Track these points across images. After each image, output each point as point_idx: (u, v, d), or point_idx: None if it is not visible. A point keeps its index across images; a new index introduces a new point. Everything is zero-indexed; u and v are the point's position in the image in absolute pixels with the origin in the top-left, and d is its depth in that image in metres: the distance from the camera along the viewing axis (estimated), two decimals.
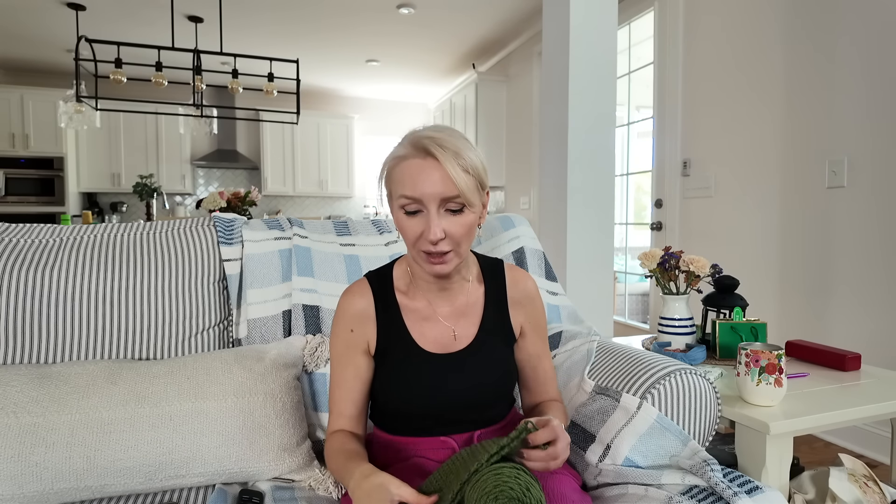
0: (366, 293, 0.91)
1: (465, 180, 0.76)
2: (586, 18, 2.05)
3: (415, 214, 0.78)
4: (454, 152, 0.76)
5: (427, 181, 0.75)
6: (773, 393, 1.05)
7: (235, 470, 0.95)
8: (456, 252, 0.80)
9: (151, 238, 1.17)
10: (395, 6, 4.05)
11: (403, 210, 0.78)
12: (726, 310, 1.49)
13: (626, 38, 3.56)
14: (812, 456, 2.15)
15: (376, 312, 0.90)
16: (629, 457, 0.90)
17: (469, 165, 0.77)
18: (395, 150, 0.80)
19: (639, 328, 3.71)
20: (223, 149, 6.08)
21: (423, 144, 0.76)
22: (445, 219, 0.77)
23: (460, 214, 0.78)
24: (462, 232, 0.78)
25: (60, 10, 4.07)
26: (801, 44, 2.36)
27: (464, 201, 0.76)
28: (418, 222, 0.78)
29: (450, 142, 0.76)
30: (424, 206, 0.76)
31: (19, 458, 0.85)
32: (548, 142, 2.19)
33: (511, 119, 5.07)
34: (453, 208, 0.77)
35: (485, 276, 0.95)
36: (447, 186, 0.75)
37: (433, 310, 0.91)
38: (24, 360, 1.02)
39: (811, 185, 2.33)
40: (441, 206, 0.77)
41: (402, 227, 0.80)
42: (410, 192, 0.76)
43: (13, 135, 5.20)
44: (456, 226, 0.78)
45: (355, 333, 0.89)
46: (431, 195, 0.75)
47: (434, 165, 0.75)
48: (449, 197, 0.76)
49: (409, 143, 0.78)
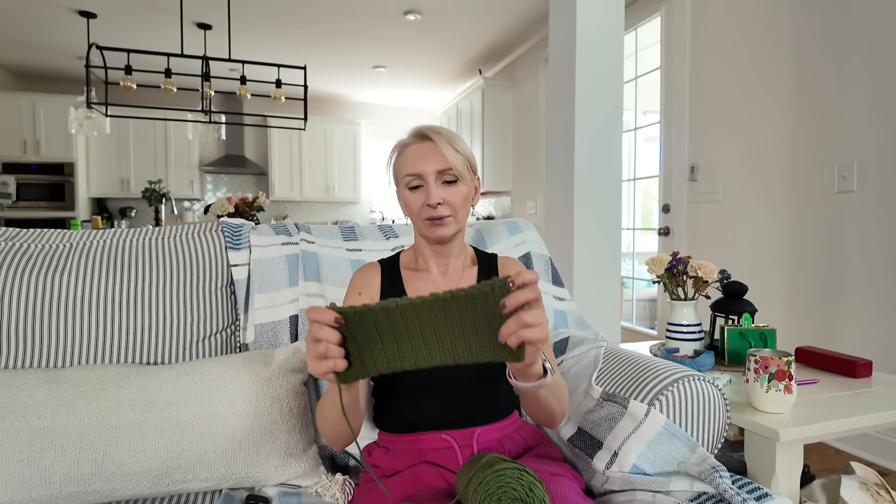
0: (375, 269, 1.03)
1: (456, 157, 0.92)
2: (593, 24, 2.05)
3: (417, 189, 0.93)
4: (448, 138, 0.94)
5: (426, 159, 0.92)
6: (783, 400, 1.04)
7: (242, 475, 0.96)
8: (454, 218, 0.94)
9: (160, 243, 1.18)
10: (401, 13, 4.07)
11: (408, 187, 0.93)
12: (735, 316, 1.48)
13: (633, 43, 3.56)
14: (823, 464, 2.12)
15: (382, 283, 1.01)
16: (637, 464, 0.90)
17: (460, 149, 0.94)
18: (401, 141, 0.97)
19: (646, 334, 3.69)
20: (231, 154, 6.12)
21: (423, 131, 0.94)
22: (443, 189, 0.92)
23: (455, 185, 0.93)
24: (457, 200, 0.93)
25: (72, 18, 4.13)
26: (809, 48, 2.35)
27: (456, 173, 0.92)
28: (420, 195, 0.93)
29: (445, 131, 0.95)
30: (424, 179, 0.92)
31: (28, 462, 0.85)
32: (554, 146, 2.19)
33: (517, 124, 5.08)
34: (448, 179, 0.92)
35: (479, 260, 1.06)
36: (442, 162, 0.91)
37: (433, 281, 1.01)
38: (34, 364, 1.03)
39: (820, 190, 2.31)
40: (438, 179, 0.92)
41: (407, 202, 0.95)
42: (412, 169, 0.92)
43: (25, 141, 5.26)
44: (451, 194, 0.92)
45: (363, 296, 1.00)
46: (429, 170, 0.91)
47: (431, 146, 0.92)
48: (443, 169, 0.91)
49: (411, 133, 0.96)
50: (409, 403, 0.94)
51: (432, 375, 0.91)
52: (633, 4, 3.47)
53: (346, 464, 1.12)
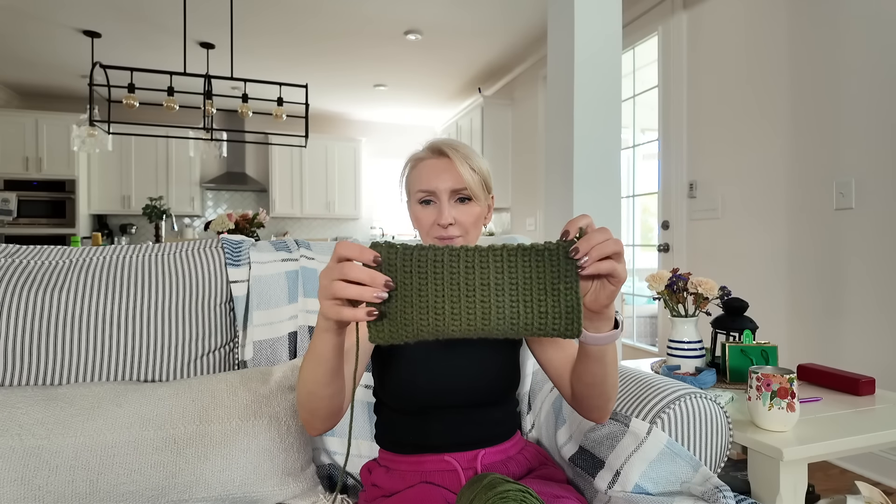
0: None
1: (472, 176, 0.89)
2: (591, 43, 2.08)
3: (429, 205, 0.90)
4: (465, 155, 0.89)
5: (440, 176, 0.88)
6: (786, 418, 1.03)
7: (239, 495, 0.94)
8: (465, 238, 0.90)
9: (159, 260, 1.17)
10: (402, 32, 4.13)
11: (419, 202, 0.90)
12: (736, 332, 1.47)
13: (631, 61, 3.60)
14: (828, 483, 2.10)
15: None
16: (639, 483, 0.88)
17: (476, 167, 0.90)
18: (415, 154, 0.93)
19: (647, 351, 3.67)
20: (232, 171, 6.15)
21: (439, 147, 0.90)
22: (455, 208, 0.89)
23: (468, 204, 0.90)
24: (469, 220, 0.90)
25: (77, 38, 4.18)
26: (806, 64, 2.37)
27: (470, 193, 0.89)
28: (432, 211, 0.89)
29: (462, 147, 0.91)
30: (437, 197, 0.88)
31: (22, 482, 0.84)
32: (553, 164, 2.20)
33: (517, 142, 5.11)
34: (462, 197, 0.89)
35: None
36: (456, 180, 0.88)
37: None
38: (31, 382, 1.02)
39: (819, 207, 2.32)
40: (451, 197, 0.89)
41: (418, 218, 0.91)
42: (426, 185, 0.89)
43: (27, 158, 5.29)
44: (464, 214, 0.89)
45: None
46: (444, 188, 0.88)
47: (447, 163, 0.89)
48: (457, 189, 0.88)
49: (427, 146, 0.92)
50: (413, 424, 0.93)
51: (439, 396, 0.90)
52: (630, 24, 3.52)
53: (344, 483, 1.11)
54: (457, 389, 0.91)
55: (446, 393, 0.91)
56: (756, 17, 2.62)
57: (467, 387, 0.91)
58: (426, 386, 0.91)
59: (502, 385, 0.95)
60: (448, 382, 0.91)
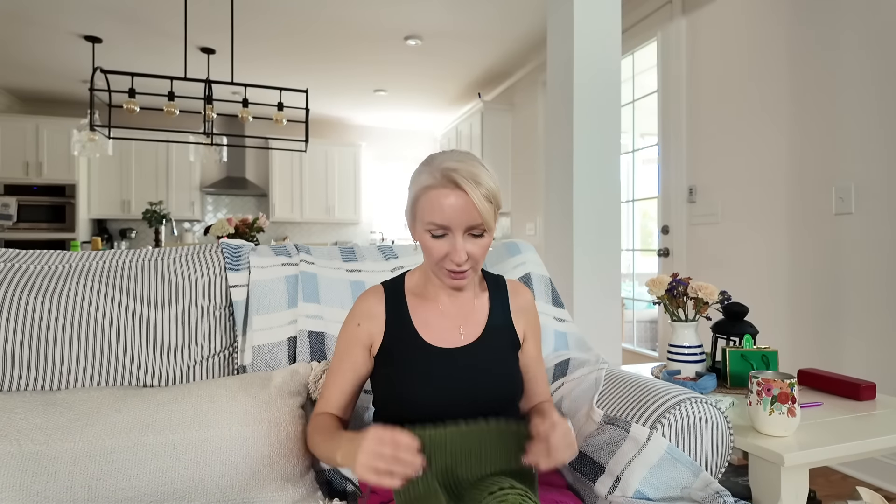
0: (379, 295, 0.98)
1: (487, 208, 0.84)
2: (591, 48, 2.08)
3: (441, 237, 0.86)
4: (476, 182, 0.83)
5: (455, 212, 0.83)
6: (787, 423, 1.03)
7: (238, 500, 0.94)
8: (474, 269, 0.89)
9: (159, 264, 1.17)
10: (402, 38, 4.14)
11: (430, 234, 0.86)
12: (736, 337, 1.47)
13: (630, 67, 3.61)
14: (829, 489, 2.09)
15: (386, 313, 0.95)
16: (640, 489, 0.88)
17: (489, 194, 0.85)
18: (424, 179, 0.86)
19: (648, 356, 3.66)
20: (232, 176, 6.16)
21: (452, 177, 0.83)
22: (468, 242, 0.86)
23: (481, 238, 0.87)
24: (481, 253, 0.88)
25: (78, 43, 4.20)
26: (806, 69, 2.38)
27: (485, 227, 0.86)
28: (444, 244, 0.86)
29: (473, 172, 0.84)
30: (451, 231, 0.85)
31: (21, 488, 0.84)
32: (553, 169, 2.20)
33: (516, 146, 5.12)
34: (475, 233, 0.86)
35: (489, 285, 1.02)
36: (472, 216, 0.84)
37: (442, 310, 0.96)
38: (30, 387, 1.01)
39: (818, 212, 2.32)
40: (465, 232, 0.86)
41: (428, 248, 0.88)
42: (440, 220, 0.84)
43: (27, 163, 5.30)
44: (477, 248, 0.87)
45: (361, 328, 0.95)
46: (458, 224, 0.84)
47: (461, 197, 0.83)
48: (473, 225, 0.85)
49: (438, 173, 0.84)
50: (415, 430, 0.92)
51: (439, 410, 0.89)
52: (629, 29, 3.53)
53: (343, 489, 1.10)
54: (456, 404, 0.89)
55: (445, 407, 0.89)
56: (755, 23, 2.63)
57: (467, 401, 0.90)
58: (424, 401, 0.89)
59: (503, 397, 0.93)
60: (447, 397, 0.89)
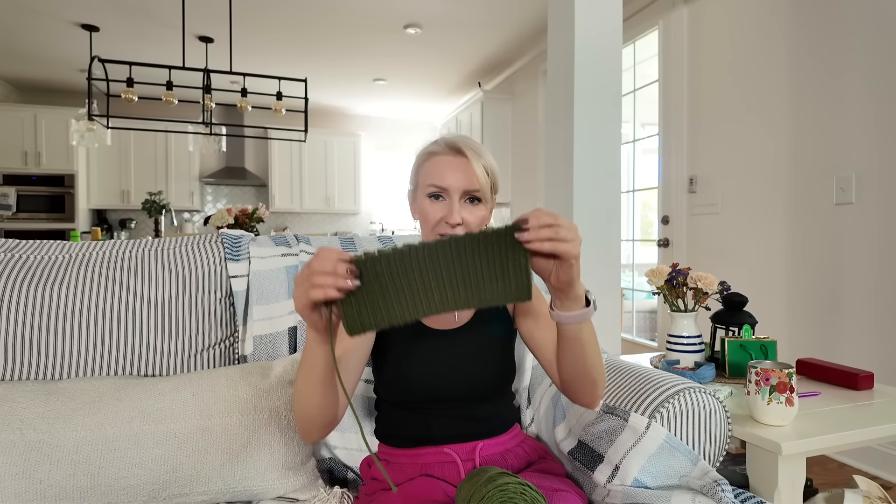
0: None
1: (485, 179, 0.90)
2: (591, 37, 2.07)
3: (438, 200, 0.90)
4: (479, 154, 0.90)
5: (455, 175, 0.88)
6: (785, 412, 1.03)
7: (239, 489, 0.95)
8: None
9: (159, 254, 1.17)
10: (402, 26, 4.11)
11: (429, 196, 0.90)
12: (735, 327, 1.47)
13: (632, 56, 3.59)
14: (826, 477, 2.11)
15: None
16: (638, 477, 0.89)
17: (489, 168, 0.92)
18: (429, 147, 0.93)
19: (647, 346, 3.68)
20: (231, 166, 6.14)
21: (456, 144, 0.90)
22: (465, 208, 0.89)
23: (477, 205, 0.91)
24: (476, 222, 0.90)
25: (75, 31, 4.16)
26: (807, 59, 2.36)
27: (481, 195, 0.90)
28: (441, 207, 0.89)
29: (476, 145, 0.92)
30: (449, 194, 0.89)
31: (24, 476, 0.84)
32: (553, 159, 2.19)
33: (516, 136, 5.10)
34: (472, 198, 0.90)
35: None
36: (470, 180, 0.88)
37: None
38: (31, 377, 1.02)
39: (819, 202, 2.31)
40: (462, 197, 0.89)
41: (425, 211, 0.91)
42: (439, 181, 0.88)
43: (26, 153, 5.28)
44: (472, 215, 0.90)
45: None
46: (457, 187, 0.88)
47: (462, 162, 0.89)
48: (470, 189, 0.89)
49: (442, 142, 0.92)
50: (413, 418, 0.94)
51: (436, 390, 0.91)
52: (630, 18, 3.50)
53: (344, 477, 1.11)
54: (452, 384, 0.92)
55: (442, 388, 0.92)
56: (756, 12, 2.61)
57: (463, 380, 0.92)
58: (422, 381, 0.92)
59: (497, 378, 0.96)
60: (443, 377, 0.92)
